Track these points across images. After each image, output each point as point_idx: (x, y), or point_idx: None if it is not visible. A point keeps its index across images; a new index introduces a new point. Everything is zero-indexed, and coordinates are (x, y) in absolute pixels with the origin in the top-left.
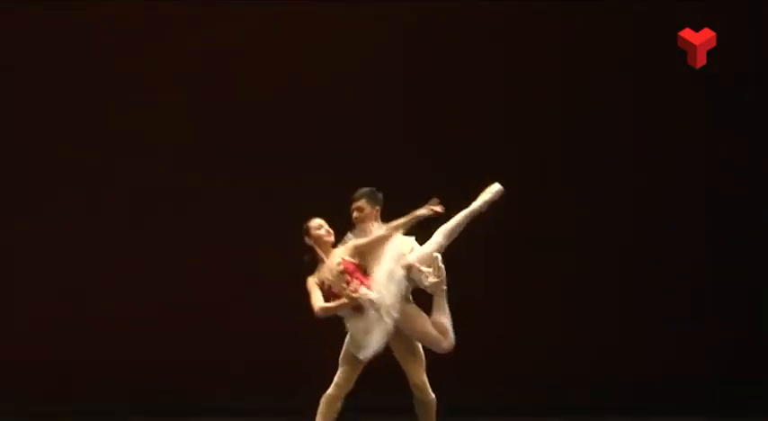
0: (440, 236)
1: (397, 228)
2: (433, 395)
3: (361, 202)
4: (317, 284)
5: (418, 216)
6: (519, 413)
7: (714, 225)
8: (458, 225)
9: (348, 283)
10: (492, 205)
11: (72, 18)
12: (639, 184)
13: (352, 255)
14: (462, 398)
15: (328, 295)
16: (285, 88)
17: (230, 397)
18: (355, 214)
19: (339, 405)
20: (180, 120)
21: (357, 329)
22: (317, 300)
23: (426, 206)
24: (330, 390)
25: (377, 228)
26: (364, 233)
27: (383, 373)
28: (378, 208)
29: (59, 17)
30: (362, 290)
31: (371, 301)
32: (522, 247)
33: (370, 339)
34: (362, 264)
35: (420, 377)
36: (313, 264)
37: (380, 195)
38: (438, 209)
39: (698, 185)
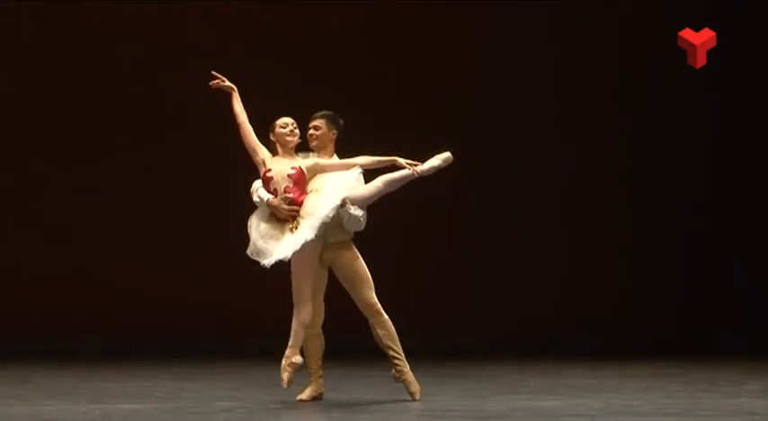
0: (380, 182)
1: (367, 165)
2: (386, 315)
3: (319, 122)
4: (264, 164)
5: (396, 162)
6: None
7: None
8: (402, 178)
9: (286, 190)
10: (439, 171)
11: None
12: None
13: (309, 169)
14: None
15: (264, 181)
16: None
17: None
18: (311, 132)
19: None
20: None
21: (266, 233)
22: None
23: (408, 161)
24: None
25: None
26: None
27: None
28: (335, 132)
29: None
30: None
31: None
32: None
33: (279, 247)
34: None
35: (370, 299)
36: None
37: (341, 122)
38: (417, 168)
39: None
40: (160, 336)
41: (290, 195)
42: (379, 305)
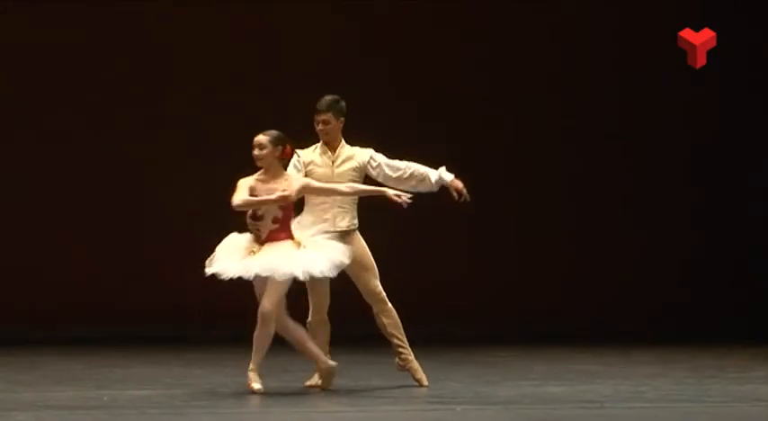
0: None
1: (357, 192)
2: (390, 304)
3: (328, 116)
4: (249, 188)
5: (383, 193)
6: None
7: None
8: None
9: (274, 221)
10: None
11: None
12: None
13: (299, 192)
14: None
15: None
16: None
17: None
18: (320, 127)
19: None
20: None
21: (230, 244)
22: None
23: (396, 192)
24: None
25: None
26: (328, 149)
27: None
28: (342, 120)
29: None
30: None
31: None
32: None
33: (227, 263)
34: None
35: (375, 288)
36: None
37: (344, 104)
38: (405, 199)
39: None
40: (168, 323)
41: (276, 226)
42: (384, 294)
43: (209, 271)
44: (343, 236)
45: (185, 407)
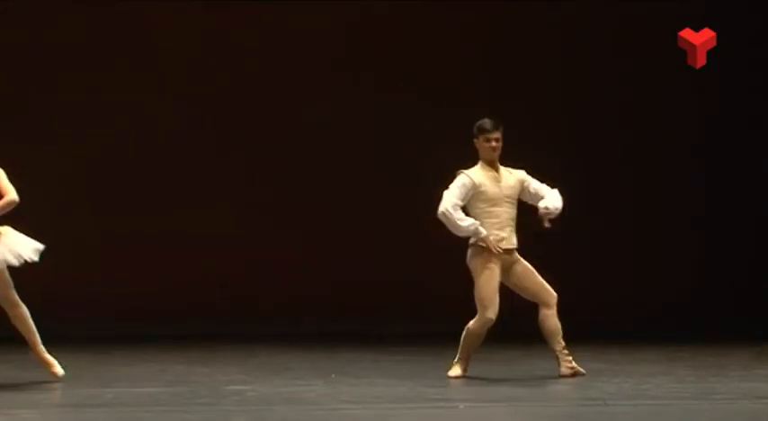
0: None
1: None
2: None
3: (500, 134)
4: None
5: None
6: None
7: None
8: None
9: None
10: None
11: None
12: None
13: None
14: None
15: None
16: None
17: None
18: (494, 144)
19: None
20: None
21: None
22: None
23: None
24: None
25: None
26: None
27: None
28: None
29: None
30: None
31: None
32: None
33: None
34: None
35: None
36: None
37: (476, 127)
38: None
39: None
40: (171, 321)
41: None
42: None
43: None
44: (513, 252)
45: (189, 404)
